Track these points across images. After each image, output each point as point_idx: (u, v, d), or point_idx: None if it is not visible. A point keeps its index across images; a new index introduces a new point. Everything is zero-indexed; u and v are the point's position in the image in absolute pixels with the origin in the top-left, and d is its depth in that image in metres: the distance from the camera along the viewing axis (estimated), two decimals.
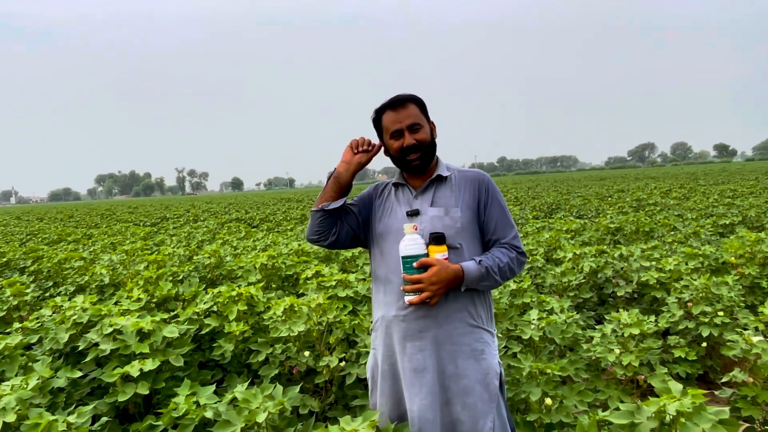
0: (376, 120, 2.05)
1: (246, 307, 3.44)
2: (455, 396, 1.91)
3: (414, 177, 2.06)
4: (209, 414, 2.19)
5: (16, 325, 3.31)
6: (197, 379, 3.02)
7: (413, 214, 1.96)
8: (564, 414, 2.50)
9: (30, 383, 2.40)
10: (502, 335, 3.34)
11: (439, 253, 1.85)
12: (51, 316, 3.46)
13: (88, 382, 2.95)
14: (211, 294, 3.61)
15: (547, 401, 2.48)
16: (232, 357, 3.20)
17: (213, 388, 2.39)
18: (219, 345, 3.19)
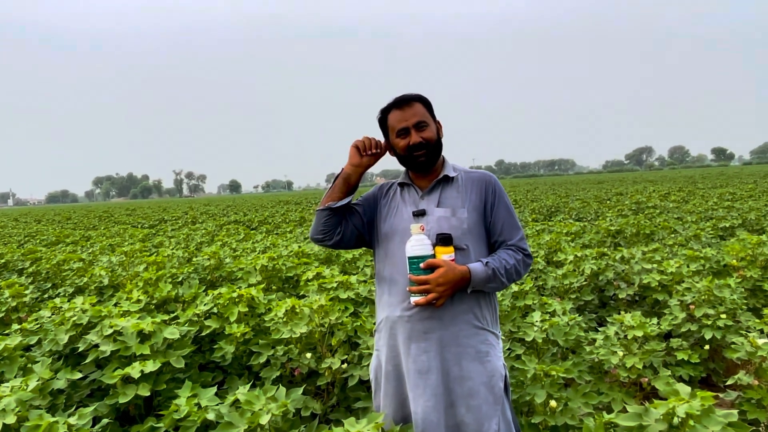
0: (381, 120, 2.04)
1: (247, 309, 3.42)
2: (460, 398, 1.89)
3: (420, 177, 2.04)
4: (211, 416, 2.17)
5: (15, 327, 3.28)
6: (198, 381, 2.99)
7: (419, 214, 1.94)
8: (569, 416, 2.47)
9: (30, 385, 2.37)
10: (505, 337, 3.32)
11: (446, 254, 1.83)
12: (50, 317, 3.43)
13: (88, 383, 2.92)
14: (212, 295, 3.59)
15: (552, 403, 2.46)
16: (232, 359, 3.17)
17: (214, 389, 2.37)
18: (220, 347, 3.17)
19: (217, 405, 2.23)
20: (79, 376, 2.72)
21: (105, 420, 2.40)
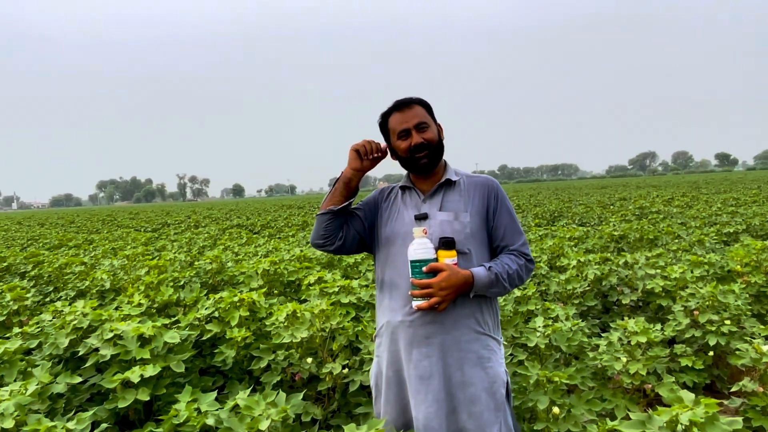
0: (382, 124, 2.03)
1: (248, 313, 3.40)
2: (461, 404, 1.87)
3: (422, 180, 2.03)
4: (211, 421, 2.15)
5: (16, 330, 3.27)
6: (198, 386, 2.97)
7: (421, 217, 1.93)
8: (572, 423, 2.45)
9: (29, 389, 2.36)
10: (507, 343, 3.30)
11: (449, 258, 1.82)
12: (51, 320, 3.42)
13: (88, 387, 2.91)
14: (213, 300, 3.57)
15: (555, 410, 2.44)
16: (233, 363, 3.15)
17: (214, 394, 2.35)
18: (220, 351, 3.15)
19: (217, 410, 2.22)
20: (79, 380, 2.71)
21: (104, 425, 2.38)
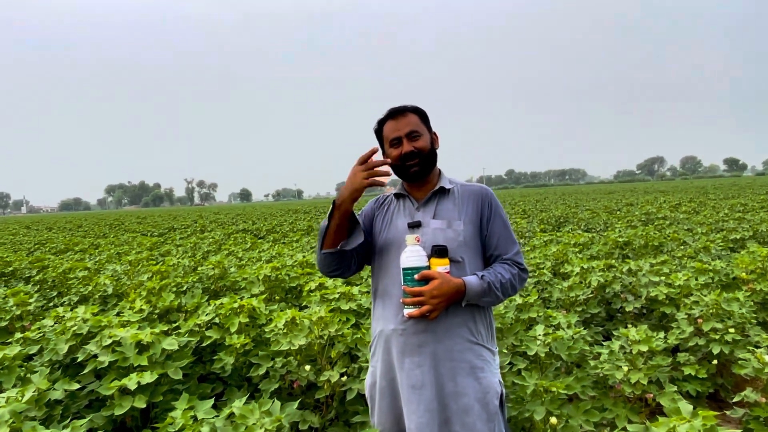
0: (378, 131, 2.03)
1: (248, 320, 3.40)
2: (454, 415, 1.85)
3: (416, 188, 2.02)
4: (206, 429, 2.14)
5: (17, 336, 3.28)
6: (197, 393, 2.97)
7: (415, 225, 1.92)
8: None
9: (26, 395, 2.36)
10: (507, 351, 3.27)
11: (441, 266, 1.80)
12: (53, 326, 3.43)
13: (86, 394, 2.91)
14: (213, 306, 3.58)
15: (552, 420, 2.42)
16: (232, 370, 3.15)
17: (212, 402, 2.34)
18: (219, 358, 3.15)
19: (213, 418, 2.21)
20: (77, 386, 2.71)
21: None
